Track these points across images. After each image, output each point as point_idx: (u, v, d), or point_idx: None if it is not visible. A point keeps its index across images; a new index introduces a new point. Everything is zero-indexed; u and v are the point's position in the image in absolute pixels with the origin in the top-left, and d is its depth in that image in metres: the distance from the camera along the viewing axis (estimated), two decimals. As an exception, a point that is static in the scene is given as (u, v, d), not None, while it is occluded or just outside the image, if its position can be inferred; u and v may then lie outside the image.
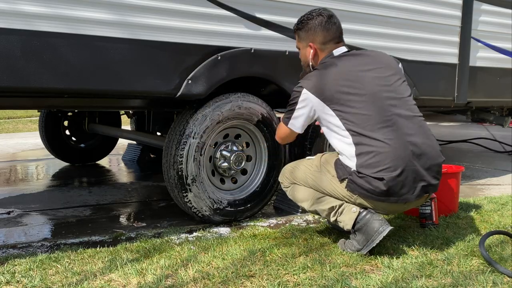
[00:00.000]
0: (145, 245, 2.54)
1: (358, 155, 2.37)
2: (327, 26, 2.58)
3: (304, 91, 2.49)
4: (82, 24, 2.43)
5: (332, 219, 2.52)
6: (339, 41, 2.62)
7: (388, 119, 2.39)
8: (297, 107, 2.52)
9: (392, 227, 2.40)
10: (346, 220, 2.44)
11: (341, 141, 2.45)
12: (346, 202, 2.47)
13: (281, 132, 2.67)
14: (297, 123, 2.55)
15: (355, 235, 2.43)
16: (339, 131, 2.44)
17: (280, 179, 2.77)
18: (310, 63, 2.64)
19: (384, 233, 2.36)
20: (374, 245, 2.37)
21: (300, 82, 2.55)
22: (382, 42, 3.52)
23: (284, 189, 2.75)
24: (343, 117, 2.41)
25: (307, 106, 2.49)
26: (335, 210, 2.48)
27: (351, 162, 2.41)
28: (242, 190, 3.19)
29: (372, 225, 2.37)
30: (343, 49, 2.60)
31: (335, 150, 2.59)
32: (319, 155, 2.65)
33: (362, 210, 2.43)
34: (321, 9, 2.66)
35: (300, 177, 2.61)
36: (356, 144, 2.38)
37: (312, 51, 2.62)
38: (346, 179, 2.42)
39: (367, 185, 2.36)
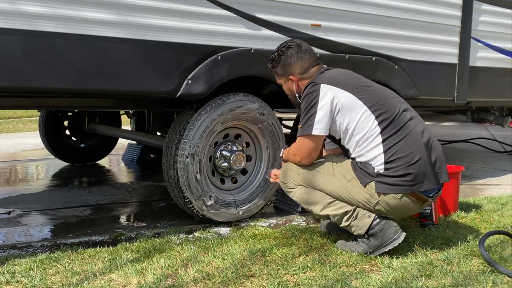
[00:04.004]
0: (145, 245, 2.54)
1: (385, 151, 2.34)
2: (299, 55, 2.56)
3: (323, 86, 2.39)
4: (83, 24, 2.43)
5: (344, 223, 2.46)
6: (317, 63, 2.60)
7: (402, 117, 2.42)
8: (318, 106, 2.38)
9: (405, 233, 2.44)
10: (360, 225, 2.42)
11: (366, 143, 2.38)
12: (361, 207, 2.44)
13: (306, 148, 2.45)
14: (322, 125, 2.39)
15: (368, 240, 2.42)
16: (364, 128, 2.37)
17: (283, 179, 2.62)
18: (297, 95, 2.61)
19: (400, 240, 2.39)
20: (386, 251, 2.39)
21: (310, 82, 2.45)
22: (382, 42, 3.52)
23: (287, 189, 2.62)
24: (372, 106, 2.37)
25: (329, 101, 2.37)
26: (349, 215, 2.43)
27: (375, 162, 2.36)
28: (242, 190, 3.19)
29: (389, 231, 2.39)
30: (324, 67, 2.59)
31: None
32: (328, 157, 2.56)
33: (376, 216, 2.42)
34: (288, 41, 2.65)
35: (312, 180, 2.49)
36: (384, 139, 2.35)
37: (294, 83, 2.60)
38: (373, 182, 2.36)
39: (398, 178, 2.32)
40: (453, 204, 3.19)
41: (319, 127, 2.39)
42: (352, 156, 2.47)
